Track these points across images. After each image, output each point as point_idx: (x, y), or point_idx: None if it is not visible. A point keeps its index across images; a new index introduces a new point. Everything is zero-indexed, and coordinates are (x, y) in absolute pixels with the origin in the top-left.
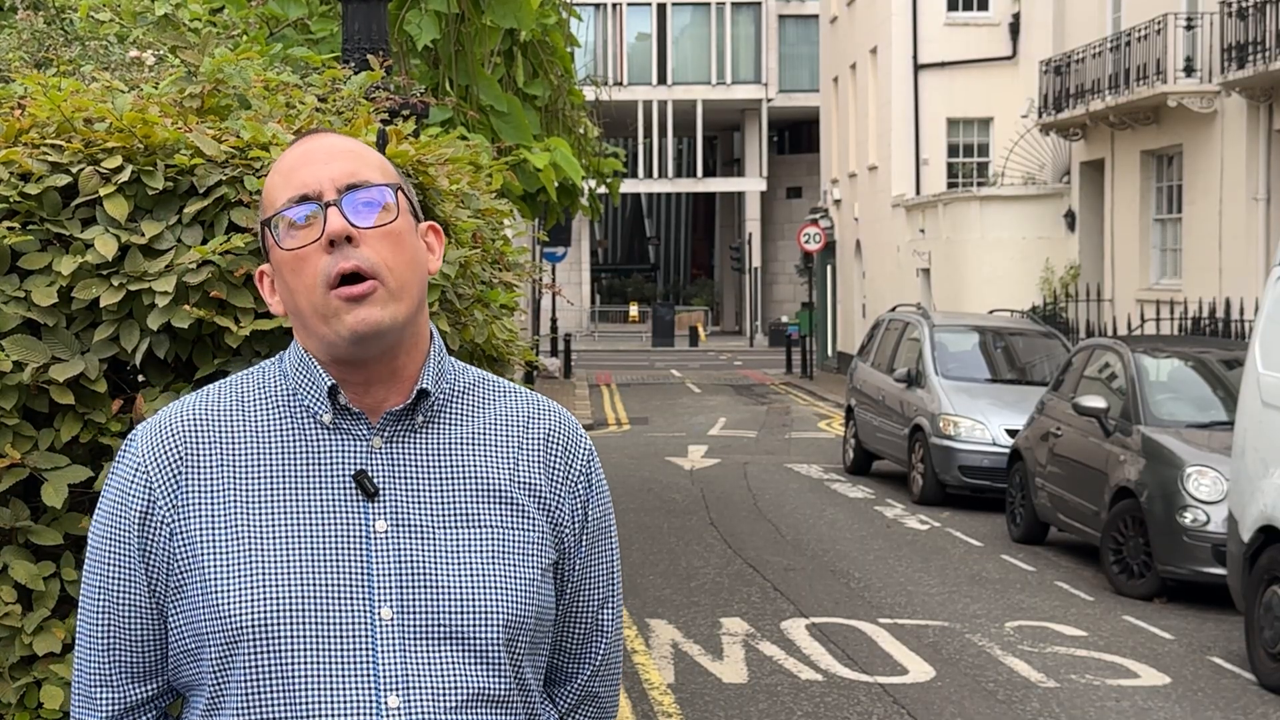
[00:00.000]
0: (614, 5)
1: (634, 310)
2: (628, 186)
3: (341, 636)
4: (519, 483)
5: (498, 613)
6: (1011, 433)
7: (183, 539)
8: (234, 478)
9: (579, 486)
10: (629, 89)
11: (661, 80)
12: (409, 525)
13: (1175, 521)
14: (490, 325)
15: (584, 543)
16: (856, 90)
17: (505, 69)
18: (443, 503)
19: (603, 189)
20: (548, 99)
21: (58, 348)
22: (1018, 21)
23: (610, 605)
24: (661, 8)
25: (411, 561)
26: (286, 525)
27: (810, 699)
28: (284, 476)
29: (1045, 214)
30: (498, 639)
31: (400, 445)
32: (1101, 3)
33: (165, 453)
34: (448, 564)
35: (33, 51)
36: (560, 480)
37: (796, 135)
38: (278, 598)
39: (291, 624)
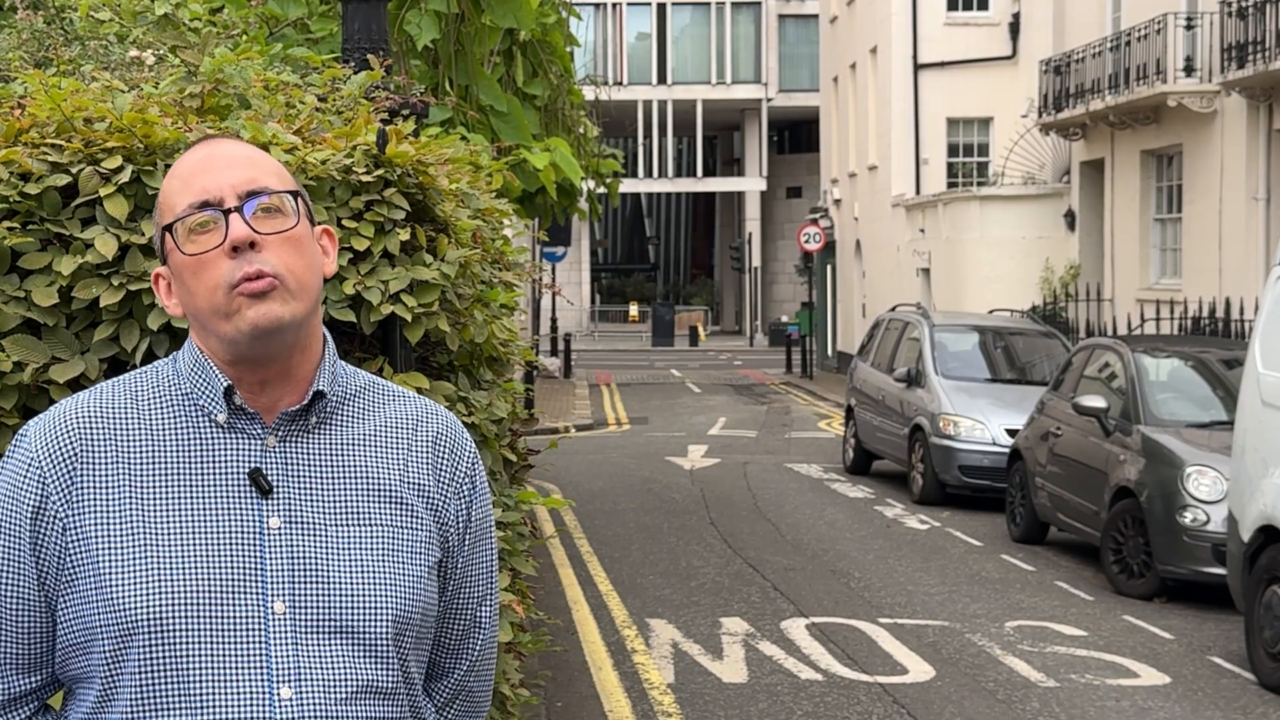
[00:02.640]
0: (614, 5)
1: (634, 310)
2: (627, 186)
3: (235, 629)
4: (408, 483)
5: (386, 608)
6: (1011, 432)
7: (76, 534)
8: (129, 474)
9: (464, 488)
10: (629, 89)
11: (661, 80)
12: (302, 522)
13: (1175, 521)
14: (490, 325)
15: (466, 542)
16: (856, 90)
17: (505, 69)
18: (335, 501)
19: (602, 189)
20: (547, 99)
21: (58, 348)
22: (1018, 21)
23: (488, 603)
24: (661, 7)
25: (304, 557)
26: (181, 520)
27: (810, 699)
28: (179, 473)
29: (1045, 214)
30: (386, 633)
31: (294, 445)
32: (1101, 2)
33: (59, 448)
34: (339, 560)
35: (33, 51)
36: (447, 482)
37: (796, 135)
38: (172, 591)
39: (186, 617)
